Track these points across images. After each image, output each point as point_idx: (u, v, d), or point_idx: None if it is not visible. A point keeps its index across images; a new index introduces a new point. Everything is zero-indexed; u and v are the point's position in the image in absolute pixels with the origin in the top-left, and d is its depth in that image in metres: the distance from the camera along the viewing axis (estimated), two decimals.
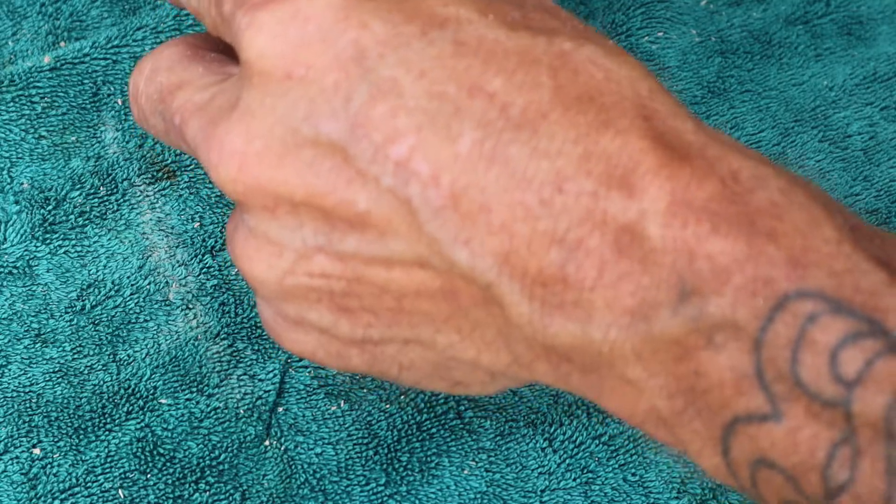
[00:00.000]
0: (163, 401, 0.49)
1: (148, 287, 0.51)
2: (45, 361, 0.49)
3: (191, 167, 0.53)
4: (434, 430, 0.49)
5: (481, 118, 0.33)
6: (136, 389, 0.49)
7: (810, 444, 0.31)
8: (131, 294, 0.51)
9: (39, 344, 0.50)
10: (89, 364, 0.49)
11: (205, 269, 0.52)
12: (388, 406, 0.49)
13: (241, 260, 0.37)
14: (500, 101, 0.33)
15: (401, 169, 0.33)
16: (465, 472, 0.49)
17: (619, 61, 0.35)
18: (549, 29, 0.35)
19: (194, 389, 0.49)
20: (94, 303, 0.51)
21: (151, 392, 0.49)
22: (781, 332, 0.31)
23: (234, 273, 0.52)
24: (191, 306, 0.51)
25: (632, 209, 0.32)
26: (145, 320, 0.50)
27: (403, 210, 0.34)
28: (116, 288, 0.51)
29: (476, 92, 0.33)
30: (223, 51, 0.41)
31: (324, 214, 0.35)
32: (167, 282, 0.51)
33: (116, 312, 0.51)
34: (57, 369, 0.49)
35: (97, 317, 0.50)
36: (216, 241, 0.52)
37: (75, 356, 0.49)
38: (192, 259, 0.52)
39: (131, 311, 0.51)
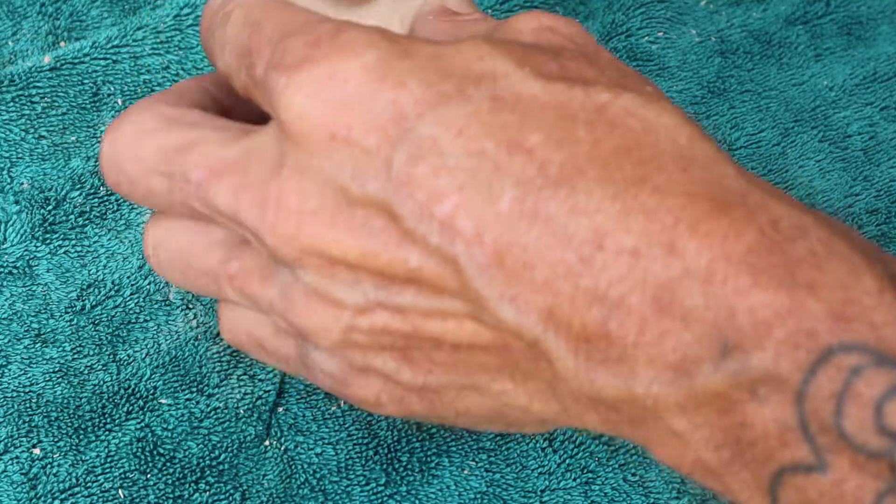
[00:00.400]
0: (163, 401, 0.49)
1: (148, 287, 0.51)
2: (45, 361, 0.49)
3: None
4: (434, 430, 0.49)
5: (521, 175, 0.34)
6: (136, 389, 0.49)
7: (856, 494, 0.32)
8: (131, 294, 0.51)
9: (39, 344, 0.50)
10: (89, 364, 0.49)
11: None
12: None
13: (300, 317, 0.38)
14: (539, 158, 0.34)
15: (446, 228, 0.34)
16: (466, 472, 0.49)
17: (657, 110, 0.35)
18: (587, 79, 0.36)
19: (194, 389, 0.49)
20: (94, 303, 0.51)
21: (151, 392, 0.49)
22: (825, 384, 0.32)
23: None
24: (191, 306, 0.51)
25: (672, 267, 0.33)
26: (145, 320, 0.50)
27: (451, 268, 0.35)
28: (116, 288, 0.51)
29: (515, 149, 0.34)
30: (208, 103, 0.42)
31: (379, 272, 0.36)
32: (167, 282, 0.51)
33: (116, 312, 0.51)
34: (57, 369, 0.49)
35: (97, 317, 0.50)
36: None
37: (75, 356, 0.49)
38: None
39: (131, 311, 0.51)
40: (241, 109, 0.43)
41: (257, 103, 0.39)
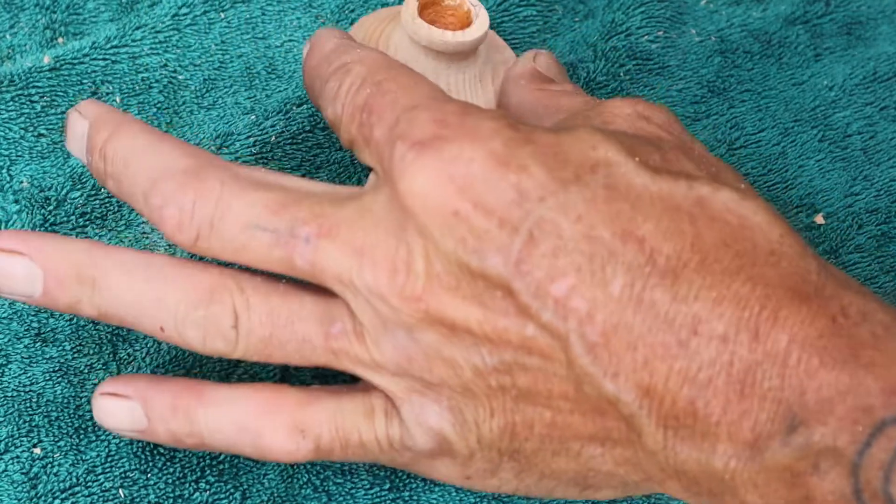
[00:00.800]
0: None
1: None
2: (45, 360, 0.49)
3: None
4: None
5: (632, 262, 0.37)
6: None
7: None
8: None
9: (39, 343, 0.49)
10: (90, 363, 0.49)
11: None
12: None
13: (422, 372, 0.40)
14: (649, 248, 0.37)
15: (560, 306, 0.37)
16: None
17: (753, 207, 0.38)
18: (687, 172, 0.39)
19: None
20: None
21: None
22: (876, 454, 0.35)
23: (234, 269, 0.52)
24: None
25: (755, 351, 0.36)
26: None
27: (561, 343, 0.37)
28: None
29: (628, 237, 0.37)
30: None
31: (496, 339, 0.38)
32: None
33: None
34: (57, 368, 0.49)
35: None
36: None
37: (75, 355, 0.49)
38: (192, 257, 0.52)
39: None
40: None
41: (360, 158, 0.41)
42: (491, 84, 0.51)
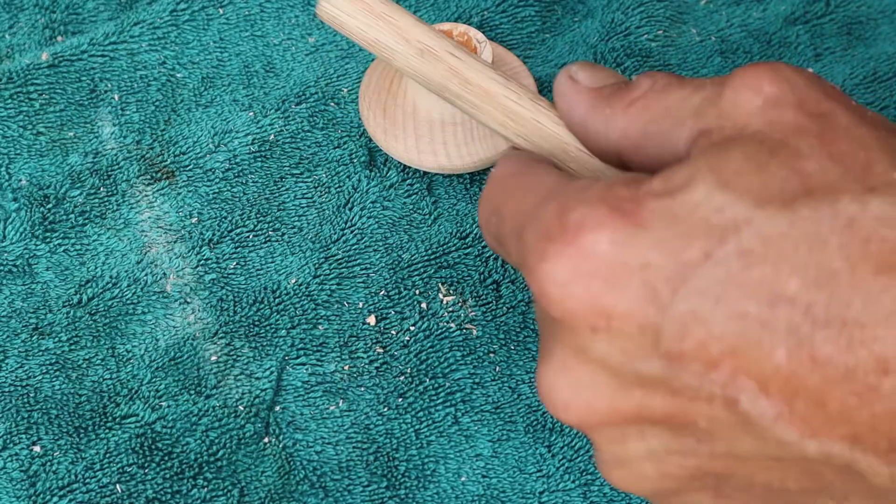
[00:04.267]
0: (161, 397, 0.49)
1: (145, 278, 0.51)
2: (41, 353, 0.49)
3: (189, 167, 0.53)
4: (432, 437, 0.49)
5: (789, 326, 0.34)
6: (135, 386, 0.49)
7: None
8: (128, 285, 0.51)
9: (36, 337, 0.49)
10: (87, 357, 0.49)
11: (202, 262, 0.52)
12: (386, 410, 0.49)
13: (610, 478, 0.39)
14: (802, 304, 0.34)
15: (728, 389, 0.35)
16: (463, 478, 0.49)
17: None
18: (830, 184, 0.35)
19: (191, 387, 0.49)
20: (91, 295, 0.51)
21: (150, 389, 0.49)
22: None
23: (231, 267, 0.52)
24: (189, 300, 0.51)
25: None
26: (143, 312, 0.50)
27: (743, 421, 0.35)
28: (114, 281, 0.51)
29: (776, 301, 0.34)
30: None
31: (670, 434, 0.37)
32: (164, 273, 0.51)
33: (114, 303, 0.50)
34: (53, 361, 0.49)
35: (94, 307, 0.50)
36: (214, 234, 0.52)
37: (72, 347, 0.49)
38: (189, 252, 0.52)
39: (129, 302, 0.51)
40: None
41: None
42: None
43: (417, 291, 0.51)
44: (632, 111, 0.40)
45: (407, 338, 0.51)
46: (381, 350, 0.50)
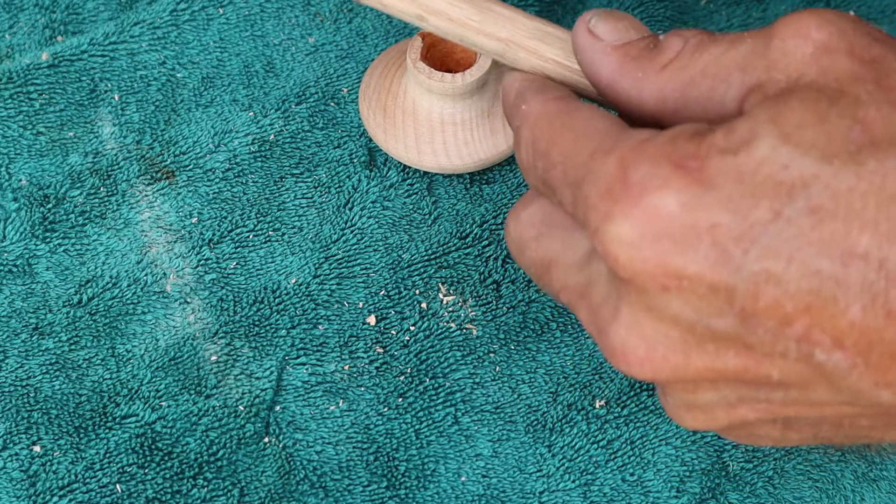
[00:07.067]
0: (161, 397, 0.49)
1: (145, 278, 0.51)
2: (41, 353, 0.49)
3: (189, 167, 0.53)
4: (432, 437, 0.49)
5: (863, 283, 0.34)
6: (135, 386, 0.49)
7: None
8: (128, 285, 0.51)
9: (36, 336, 0.49)
10: (87, 357, 0.49)
11: (202, 262, 0.52)
12: (386, 410, 0.49)
13: (680, 421, 0.39)
14: (875, 260, 0.33)
15: (803, 344, 0.34)
16: (463, 478, 0.49)
17: None
18: (894, 135, 0.34)
19: (191, 387, 0.49)
20: (91, 295, 0.51)
21: (150, 388, 0.49)
22: None
23: (231, 267, 0.52)
24: (189, 300, 0.51)
25: None
26: (143, 312, 0.50)
27: (817, 372, 0.35)
28: (114, 281, 0.51)
29: (849, 259, 0.34)
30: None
31: (743, 383, 0.37)
32: (164, 273, 0.51)
33: (114, 303, 0.50)
34: (53, 361, 0.49)
35: (94, 307, 0.50)
36: (214, 234, 0.52)
37: (72, 346, 0.49)
38: (189, 252, 0.52)
39: (129, 302, 0.51)
40: None
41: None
42: (500, 116, 0.52)
43: (417, 291, 0.51)
44: (666, 74, 0.38)
45: (407, 338, 0.51)
46: (381, 350, 0.50)
